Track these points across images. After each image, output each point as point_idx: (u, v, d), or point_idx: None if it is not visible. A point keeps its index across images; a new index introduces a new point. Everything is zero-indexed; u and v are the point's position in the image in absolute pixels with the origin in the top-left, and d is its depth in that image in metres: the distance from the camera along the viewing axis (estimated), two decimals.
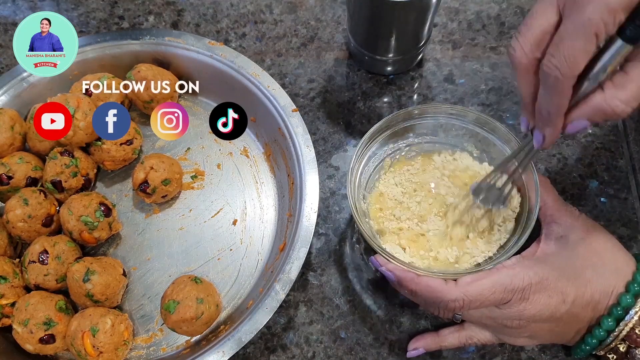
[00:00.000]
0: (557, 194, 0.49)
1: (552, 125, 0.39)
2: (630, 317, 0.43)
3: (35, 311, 0.50)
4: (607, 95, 0.36)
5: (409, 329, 0.53)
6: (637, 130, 0.61)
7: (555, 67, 0.36)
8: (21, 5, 0.72)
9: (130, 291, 0.56)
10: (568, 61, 0.35)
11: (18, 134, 0.58)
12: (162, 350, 0.53)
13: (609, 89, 0.36)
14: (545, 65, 0.36)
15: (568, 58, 0.35)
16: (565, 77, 0.36)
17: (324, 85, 0.65)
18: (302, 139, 0.56)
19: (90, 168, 0.58)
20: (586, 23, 0.34)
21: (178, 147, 0.62)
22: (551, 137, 0.40)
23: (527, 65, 0.38)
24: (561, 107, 0.38)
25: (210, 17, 0.70)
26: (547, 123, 0.40)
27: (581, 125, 0.39)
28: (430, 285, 0.44)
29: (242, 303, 0.55)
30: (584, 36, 0.34)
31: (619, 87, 0.36)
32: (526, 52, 0.37)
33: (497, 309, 0.45)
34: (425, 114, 0.52)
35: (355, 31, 0.62)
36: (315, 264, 0.56)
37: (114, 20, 0.70)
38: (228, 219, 0.59)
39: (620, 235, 0.56)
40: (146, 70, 0.59)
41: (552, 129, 0.40)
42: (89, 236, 0.54)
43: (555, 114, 0.39)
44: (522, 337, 0.47)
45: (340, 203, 0.59)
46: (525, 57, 0.38)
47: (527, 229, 0.46)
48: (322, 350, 0.53)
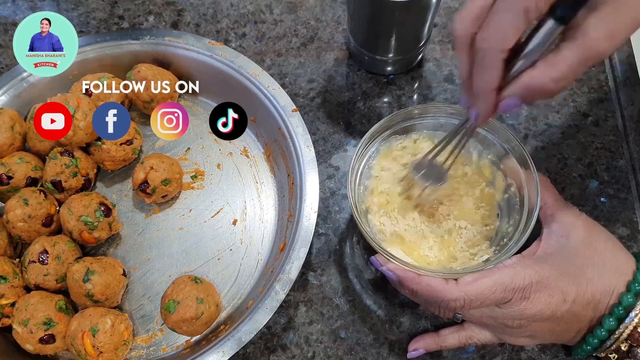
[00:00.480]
0: (558, 194, 0.49)
1: (484, 100, 0.39)
2: (631, 319, 0.43)
3: (35, 311, 0.50)
4: (537, 72, 0.36)
5: (409, 329, 0.53)
6: (637, 130, 0.61)
7: (484, 39, 0.36)
8: (21, 5, 0.72)
9: (130, 291, 0.56)
10: (497, 34, 0.35)
11: (18, 134, 0.58)
12: (162, 350, 0.53)
13: (540, 67, 0.36)
14: (477, 38, 0.37)
15: (497, 31, 0.35)
16: (494, 50, 0.36)
17: (324, 85, 0.65)
18: (302, 139, 0.56)
19: (90, 168, 0.58)
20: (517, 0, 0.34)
21: (178, 147, 0.62)
22: (485, 113, 0.40)
23: (466, 40, 0.38)
24: (491, 82, 0.38)
25: (210, 17, 0.70)
26: (480, 98, 0.40)
27: (513, 103, 0.39)
28: (430, 285, 0.44)
29: (242, 303, 0.55)
30: (514, 11, 0.34)
31: (550, 65, 0.36)
32: (465, 27, 0.37)
33: (497, 308, 0.45)
34: (425, 114, 0.52)
35: (355, 31, 0.62)
36: (315, 264, 0.56)
37: (114, 20, 0.70)
38: (228, 219, 0.59)
39: (620, 235, 0.56)
40: (146, 70, 0.59)
41: (485, 104, 0.40)
42: (89, 236, 0.54)
43: (486, 89, 0.38)
44: (522, 336, 0.47)
45: (340, 203, 0.59)
46: (464, 31, 0.38)
47: (527, 228, 0.46)
48: (322, 350, 0.53)
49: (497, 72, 0.37)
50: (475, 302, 0.43)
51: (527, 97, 0.38)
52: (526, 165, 0.48)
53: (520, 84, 0.37)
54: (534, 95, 0.38)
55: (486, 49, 0.36)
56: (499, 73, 0.37)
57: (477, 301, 0.43)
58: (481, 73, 0.38)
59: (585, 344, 0.46)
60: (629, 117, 0.62)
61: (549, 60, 0.36)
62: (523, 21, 0.35)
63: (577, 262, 0.45)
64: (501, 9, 0.35)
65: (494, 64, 0.37)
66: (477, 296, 0.43)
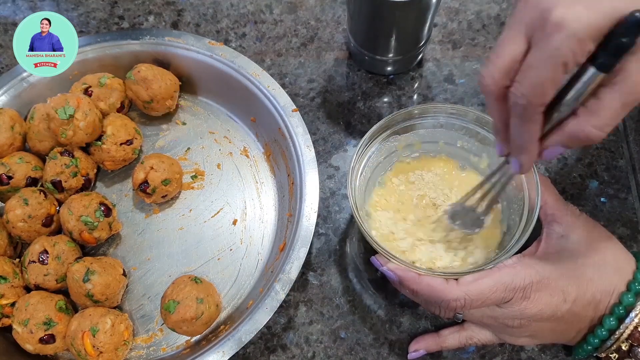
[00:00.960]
0: (558, 194, 0.49)
1: (527, 152, 0.39)
2: (631, 320, 0.43)
3: (35, 311, 0.49)
4: (581, 121, 0.36)
5: (409, 329, 0.53)
6: (637, 130, 0.61)
7: (522, 95, 0.35)
8: (21, 5, 0.72)
9: (130, 291, 0.56)
10: (535, 90, 0.34)
11: (18, 134, 0.58)
12: (162, 350, 0.53)
13: (582, 115, 0.36)
14: (513, 93, 0.36)
15: (535, 87, 0.34)
16: (533, 105, 0.35)
17: (324, 85, 0.65)
18: (302, 139, 0.56)
19: (90, 168, 0.58)
20: (554, 53, 0.33)
21: (178, 147, 0.62)
22: (527, 163, 0.40)
23: (497, 92, 0.37)
24: (532, 134, 0.38)
25: (210, 17, 0.70)
26: (522, 150, 0.39)
27: (557, 152, 0.39)
28: (431, 285, 0.44)
29: (242, 303, 0.55)
30: (552, 66, 0.33)
31: (593, 113, 0.35)
32: (495, 80, 0.37)
33: (498, 308, 0.45)
34: (425, 113, 0.52)
35: (355, 31, 0.62)
36: (315, 264, 0.56)
37: (114, 20, 0.70)
38: (228, 219, 0.59)
39: (620, 235, 0.56)
40: (146, 70, 0.59)
41: (527, 155, 0.39)
42: (89, 236, 0.54)
43: (528, 141, 0.38)
44: (523, 336, 0.47)
45: (340, 203, 0.59)
46: (495, 84, 0.37)
47: (527, 228, 0.46)
48: (322, 350, 0.53)
49: (537, 125, 0.37)
50: (476, 302, 0.43)
51: (571, 145, 0.38)
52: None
53: (565, 134, 0.37)
54: (579, 143, 0.37)
55: (525, 105, 0.35)
56: (540, 126, 0.37)
57: (477, 301, 0.43)
58: (521, 127, 0.37)
59: (585, 344, 0.46)
60: (629, 117, 0.62)
61: (592, 108, 0.35)
62: (561, 75, 0.34)
63: (577, 262, 0.45)
64: (538, 62, 0.34)
65: (534, 118, 0.36)
66: (477, 296, 0.43)
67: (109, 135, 0.57)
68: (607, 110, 0.35)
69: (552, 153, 0.39)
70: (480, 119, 0.51)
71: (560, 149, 0.39)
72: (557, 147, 0.38)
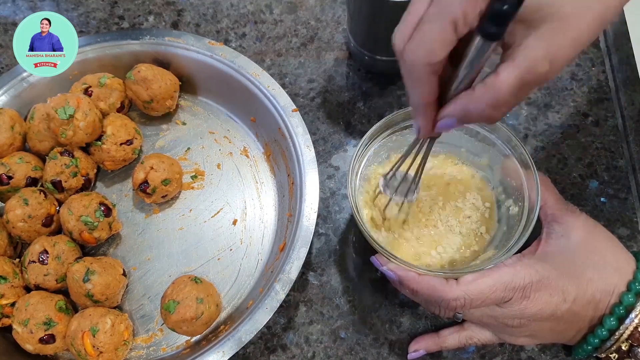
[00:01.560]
0: (558, 193, 0.49)
1: (421, 115, 0.37)
2: (631, 320, 0.43)
3: (35, 311, 0.49)
4: (475, 95, 0.34)
5: (409, 329, 0.53)
6: (637, 130, 0.61)
7: (411, 51, 0.33)
8: (21, 5, 0.72)
9: (130, 291, 0.56)
10: (423, 47, 0.33)
11: (18, 134, 0.58)
12: (162, 350, 0.53)
13: (478, 89, 0.34)
14: (405, 49, 0.34)
15: (423, 43, 0.33)
16: (421, 62, 0.33)
17: (324, 85, 0.65)
18: (302, 139, 0.56)
19: (90, 168, 0.58)
20: (444, 9, 0.32)
21: (178, 147, 0.62)
22: (424, 127, 0.38)
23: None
24: (421, 96, 0.36)
25: (210, 17, 0.70)
26: (416, 113, 0.38)
27: (450, 125, 0.37)
28: (431, 284, 0.44)
29: (242, 303, 0.55)
30: (440, 22, 0.32)
31: (488, 88, 0.33)
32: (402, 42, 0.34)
33: (498, 307, 0.45)
34: None
35: (355, 31, 0.62)
36: (315, 264, 0.56)
37: (114, 20, 0.70)
38: (228, 219, 0.59)
39: (620, 235, 0.56)
40: (146, 70, 0.59)
41: (422, 119, 0.37)
42: (89, 236, 0.54)
43: (419, 104, 0.36)
44: (522, 336, 0.47)
45: (340, 203, 0.59)
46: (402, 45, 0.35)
47: (527, 228, 0.46)
48: (322, 350, 0.53)
49: (426, 87, 0.35)
50: (476, 302, 0.43)
51: (465, 120, 0.36)
52: (526, 165, 0.48)
53: (457, 106, 0.35)
54: (472, 118, 0.36)
55: (412, 62, 0.34)
56: (429, 89, 0.35)
57: (477, 300, 0.43)
58: (412, 88, 0.36)
59: (586, 344, 0.46)
60: (629, 117, 0.62)
61: (487, 82, 0.33)
62: (450, 33, 0.32)
63: (577, 261, 0.45)
64: (427, 19, 0.33)
65: (421, 78, 0.34)
66: (477, 295, 0.43)
67: (109, 135, 0.57)
68: (503, 85, 0.32)
69: (444, 124, 0.37)
70: None
71: (454, 122, 0.36)
72: (452, 119, 0.36)
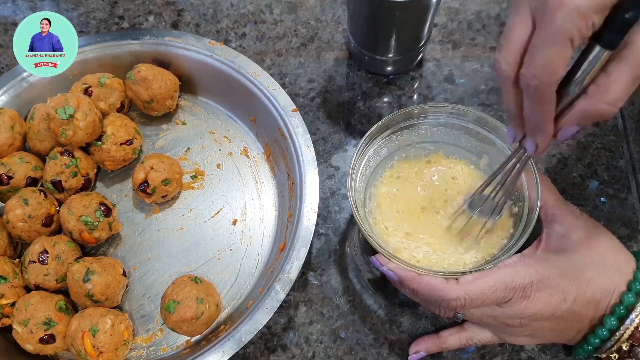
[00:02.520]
0: (558, 193, 0.49)
1: (542, 132, 0.40)
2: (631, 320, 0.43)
3: (35, 311, 0.49)
4: (592, 99, 0.36)
5: (409, 329, 0.53)
6: (637, 130, 0.61)
7: (533, 76, 0.36)
8: (21, 5, 0.72)
9: (130, 291, 0.56)
10: (545, 69, 0.35)
11: (18, 134, 0.58)
12: (162, 350, 0.53)
13: (593, 92, 0.36)
14: (524, 75, 0.36)
15: (545, 66, 0.35)
16: (545, 84, 0.36)
17: (324, 85, 0.65)
18: (302, 139, 0.56)
19: (90, 168, 0.58)
20: (558, 30, 0.33)
21: (178, 147, 0.62)
22: (543, 143, 0.41)
23: (513, 77, 0.38)
24: (547, 114, 0.38)
25: (210, 17, 0.70)
26: (537, 130, 0.40)
27: (571, 131, 0.39)
28: (431, 284, 0.44)
29: (242, 303, 0.54)
30: (558, 43, 0.34)
31: (603, 89, 0.35)
32: (510, 65, 0.37)
33: (498, 307, 0.45)
34: (425, 113, 0.52)
35: (355, 31, 0.62)
36: (315, 264, 0.56)
37: (114, 20, 0.70)
38: (228, 219, 0.59)
39: (620, 235, 0.56)
40: (146, 70, 0.59)
41: (543, 135, 0.40)
42: (89, 236, 0.54)
43: (543, 121, 0.39)
44: (522, 336, 0.47)
45: (340, 203, 0.59)
46: (511, 69, 0.37)
47: (527, 228, 0.46)
48: (322, 350, 0.53)
49: (551, 104, 0.37)
50: (476, 301, 0.43)
51: (585, 123, 0.38)
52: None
53: (577, 112, 0.37)
54: (592, 120, 0.38)
55: (538, 86, 0.36)
56: (553, 104, 0.37)
57: (477, 300, 0.43)
58: (535, 107, 0.38)
59: (586, 344, 0.46)
60: (629, 117, 0.62)
61: (601, 84, 0.36)
62: (569, 51, 0.34)
63: (577, 261, 0.45)
64: (544, 42, 0.35)
65: (547, 98, 0.37)
66: (477, 295, 0.43)
67: (109, 135, 0.57)
68: (617, 84, 0.35)
69: (566, 132, 0.40)
70: (480, 118, 0.51)
71: (574, 128, 0.39)
72: (572, 126, 0.39)
